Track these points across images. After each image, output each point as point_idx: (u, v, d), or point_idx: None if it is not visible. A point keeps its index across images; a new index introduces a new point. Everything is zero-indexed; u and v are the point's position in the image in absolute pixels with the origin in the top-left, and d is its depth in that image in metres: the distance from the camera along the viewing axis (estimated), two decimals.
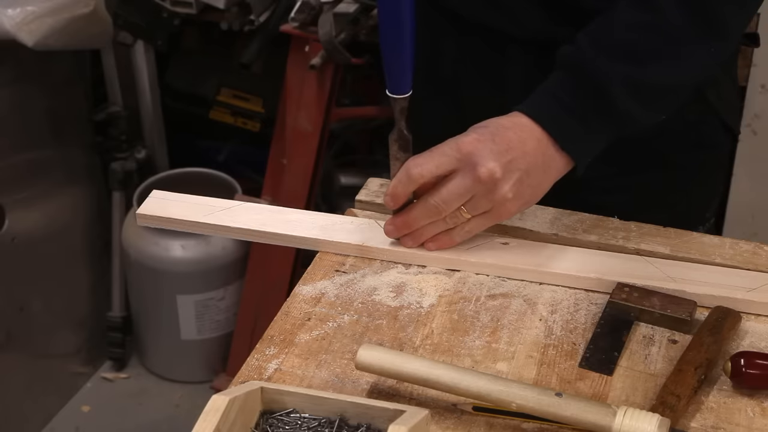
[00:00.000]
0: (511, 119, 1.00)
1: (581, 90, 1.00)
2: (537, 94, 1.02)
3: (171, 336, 2.45)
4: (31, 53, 1.97)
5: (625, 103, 1.00)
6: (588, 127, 1.01)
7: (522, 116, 1.00)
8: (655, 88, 1.02)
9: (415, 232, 1.04)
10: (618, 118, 1.01)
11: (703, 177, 1.28)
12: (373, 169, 2.48)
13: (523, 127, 1.00)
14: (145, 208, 1.12)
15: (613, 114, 1.01)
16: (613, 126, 1.02)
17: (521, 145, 0.98)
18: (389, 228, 1.05)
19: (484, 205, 1.00)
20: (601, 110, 1.01)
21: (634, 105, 1.01)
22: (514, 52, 1.16)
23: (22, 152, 2.18)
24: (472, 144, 0.97)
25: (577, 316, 0.99)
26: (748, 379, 0.88)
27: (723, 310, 0.96)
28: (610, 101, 1.00)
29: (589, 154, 1.02)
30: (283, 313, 0.99)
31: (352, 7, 2.06)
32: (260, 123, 2.53)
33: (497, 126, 0.99)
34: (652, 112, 1.04)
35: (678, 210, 1.24)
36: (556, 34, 1.07)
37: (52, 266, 2.34)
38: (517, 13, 1.14)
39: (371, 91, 2.48)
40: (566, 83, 1.01)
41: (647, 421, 0.79)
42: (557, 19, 1.11)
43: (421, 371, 0.84)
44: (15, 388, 2.28)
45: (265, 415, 0.82)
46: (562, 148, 1.00)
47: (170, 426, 2.39)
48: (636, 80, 1.00)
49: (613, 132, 1.03)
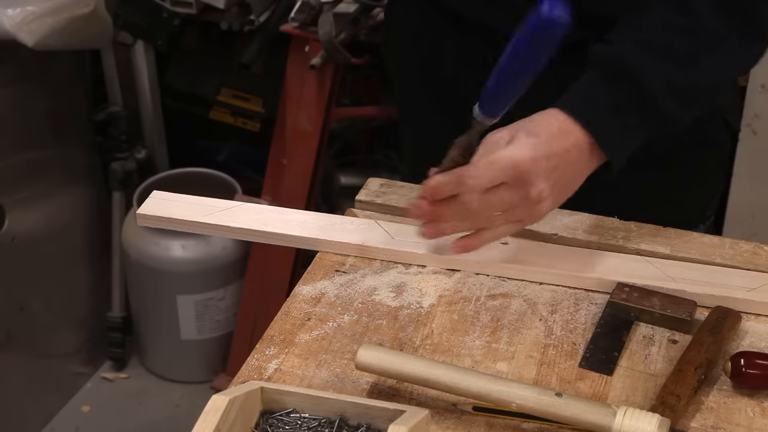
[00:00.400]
0: (557, 123, 0.98)
1: (619, 86, 0.99)
2: (577, 93, 1.00)
3: (171, 336, 2.45)
4: (31, 53, 1.97)
5: (663, 100, 0.99)
6: (625, 124, 1.00)
7: (566, 118, 0.98)
8: (692, 89, 1.02)
9: (439, 223, 1.02)
10: (656, 114, 1.00)
11: (704, 175, 1.28)
12: (373, 169, 2.48)
13: (567, 134, 0.98)
14: (145, 208, 1.12)
15: (650, 110, 1.00)
16: (651, 123, 1.01)
17: (566, 155, 0.97)
18: (416, 211, 1.01)
19: (521, 215, 0.99)
20: (640, 106, 0.99)
21: (672, 103, 1.00)
22: None
23: (22, 152, 2.18)
24: (529, 164, 0.95)
25: (577, 316, 0.99)
26: (748, 379, 0.88)
27: (723, 310, 0.96)
28: (650, 98, 0.99)
29: (625, 154, 1.01)
30: (283, 313, 0.99)
31: (352, 7, 2.06)
32: (260, 123, 2.53)
33: (548, 135, 0.97)
34: (688, 111, 1.03)
35: (680, 208, 1.24)
36: None
37: (52, 266, 2.34)
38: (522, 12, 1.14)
39: (371, 91, 2.48)
40: (603, 81, 0.99)
41: (647, 421, 0.79)
42: None
43: (421, 371, 0.84)
44: (15, 388, 2.28)
45: (265, 415, 0.83)
46: (599, 147, 0.99)
47: (170, 426, 2.39)
48: (673, 80, 0.99)
49: (650, 130, 1.02)
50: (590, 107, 0.99)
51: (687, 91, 1.01)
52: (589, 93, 1.00)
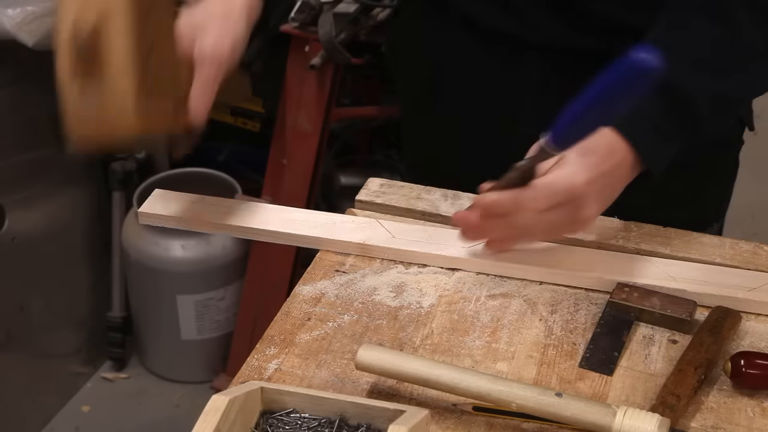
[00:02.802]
0: (606, 141, 0.98)
1: (667, 104, 0.99)
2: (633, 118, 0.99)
3: (171, 336, 2.45)
4: (31, 53, 1.97)
5: (705, 114, 1.00)
6: (666, 137, 1.01)
7: (613, 135, 0.98)
8: (732, 102, 1.04)
9: (482, 232, 1.03)
10: (695, 127, 1.01)
11: (719, 174, 1.29)
12: (373, 169, 2.48)
13: (616, 151, 0.98)
14: (147, 207, 1.12)
15: (690, 124, 1.01)
16: (690, 135, 1.02)
17: (615, 173, 0.98)
18: (464, 223, 1.01)
19: (566, 230, 1.01)
20: (683, 121, 1.00)
21: (711, 116, 1.01)
22: (531, 59, 1.16)
23: (22, 152, 2.18)
24: (585, 188, 0.96)
25: (577, 316, 0.99)
26: (748, 379, 0.88)
27: (723, 310, 0.96)
28: (693, 112, 1.00)
29: (665, 164, 1.02)
30: (283, 313, 0.99)
31: (352, 7, 2.05)
32: (260, 123, 2.52)
33: (600, 156, 0.97)
34: (725, 122, 1.05)
35: (694, 208, 1.25)
36: (575, 42, 1.08)
37: (52, 266, 2.34)
38: (536, 20, 1.14)
39: (371, 91, 2.48)
40: (649, 99, 0.98)
41: (647, 421, 0.79)
42: (577, 27, 1.11)
43: (421, 371, 0.84)
44: (15, 388, 2.28)
45: (265, 415, 0.83)
46: (642, 161, 1.00)
47: (170, 426, 2.39)
48: (715, 93, 1.00)
49: (687, 141, 1.03)
50: (636, 125, 0.99)
51: (726, 104, 1.03)
52: (636, 110, 0.98)
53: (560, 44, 1.13)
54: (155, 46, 0.94)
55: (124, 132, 0.93)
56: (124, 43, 0.91)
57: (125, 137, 0.95)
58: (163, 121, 0.98)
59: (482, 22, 1.18)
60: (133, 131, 0.93)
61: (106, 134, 0.95)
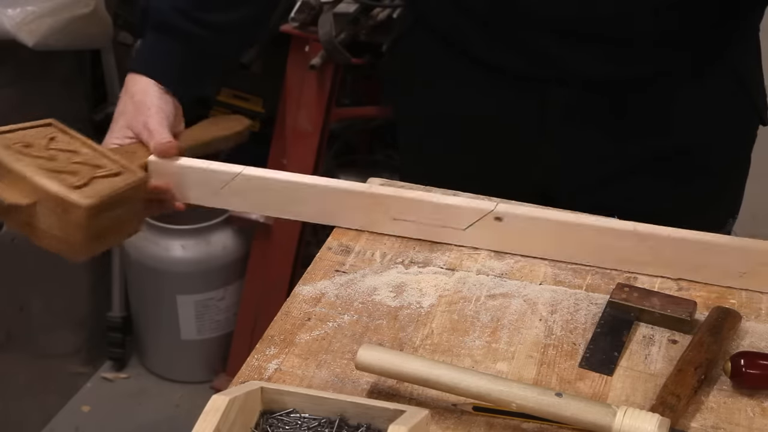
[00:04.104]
0: None
1: None
2: None
3: (171, 336, 2.45)
4: (31, 53, 1.97)
5: None
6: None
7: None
8: None
9: None
10: None
11: (736, 174, 1.30)
12: (373, 169, 2.48)
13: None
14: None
15: None
16: None
17: None
18: None
19: None
20: None
21: None
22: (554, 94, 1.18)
23: None
24: None
25: (577, 316, 0.99)
26: (748, 379, 0.88)
27: (723, 310, 0.96)
28: None
29: None
30: (283, 313, 0.99)
31: (352, 7, 2.05)
32: (260, 123, 2.52)
33: None
34: None
35: (710, 213, 1.25)
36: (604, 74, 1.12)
37: (52, 266, 2.34)
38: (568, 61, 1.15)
39: (371, 91, 2.48)
40: None
41: (647, 421, 0.79)
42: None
43: (421, 371, 0.84)
44: (15, 388, 2.28)
45: (265, 415, 0.82)
46: None
47: (170, 426, 2.39)
48: None
49: None
50: None
51: None
52: None
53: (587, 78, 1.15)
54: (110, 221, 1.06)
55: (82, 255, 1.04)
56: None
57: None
58: (121, 230, 1.10)
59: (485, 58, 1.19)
60: (90, 254, 1.05)
61: (64, 250, 1.04)
